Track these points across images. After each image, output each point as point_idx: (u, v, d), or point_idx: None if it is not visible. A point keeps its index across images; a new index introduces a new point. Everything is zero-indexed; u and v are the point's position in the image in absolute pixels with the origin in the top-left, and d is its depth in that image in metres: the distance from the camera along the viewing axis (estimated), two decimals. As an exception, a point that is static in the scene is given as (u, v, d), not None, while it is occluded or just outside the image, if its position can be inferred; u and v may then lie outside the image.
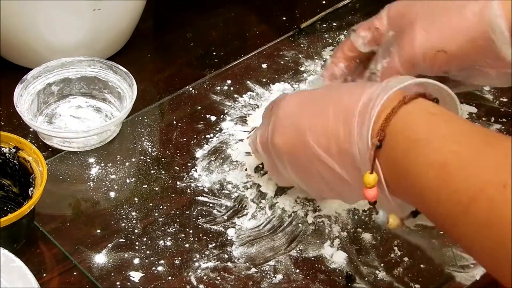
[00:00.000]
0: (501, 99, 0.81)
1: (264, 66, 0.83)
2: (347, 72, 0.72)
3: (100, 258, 0.66)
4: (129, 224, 0.68)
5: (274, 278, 0.65)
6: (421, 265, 0.66)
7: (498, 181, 0.49)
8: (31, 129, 0.75)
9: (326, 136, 0.60)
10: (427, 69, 0.66)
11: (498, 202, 0.49)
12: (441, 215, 0.53)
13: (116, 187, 0.71)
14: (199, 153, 0.74)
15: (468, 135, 0.54)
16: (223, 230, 0.68)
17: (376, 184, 0.57)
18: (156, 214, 0.69)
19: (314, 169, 0.62)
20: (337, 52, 0.73)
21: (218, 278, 0.65)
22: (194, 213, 0.69)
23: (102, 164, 0.73)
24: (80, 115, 0.77)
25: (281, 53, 0.84)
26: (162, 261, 0.66)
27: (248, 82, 0.81)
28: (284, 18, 0.89)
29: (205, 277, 0.65)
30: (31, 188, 0.65)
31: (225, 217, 0.69)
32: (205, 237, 0.68)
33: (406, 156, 0.55)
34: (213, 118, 0.78)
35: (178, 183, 0.72)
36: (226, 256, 0.66)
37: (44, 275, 0.65)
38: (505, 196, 0.49)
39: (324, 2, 0.90)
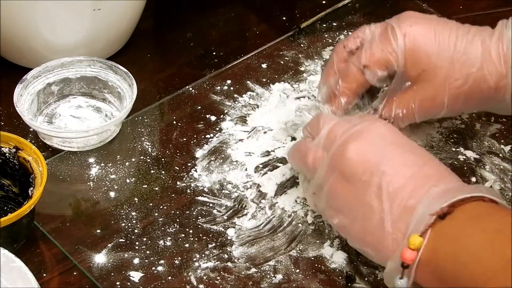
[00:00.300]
0: (501, 99, 0.81)
1: (264, 66, 0.83)
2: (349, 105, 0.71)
3: (100, 258, 0.66)
4: (129, 224, 0.68)
5: (274, 278, 0.65)
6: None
7: None
8: (31, 129, 0.75)
9: (394, 187, 0.59)
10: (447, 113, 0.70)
11: None
12: None
13: (116, 187, 0.71)
14: (199, 153, 0.74)
15: None
16: (223, 230, 0.68)
17: (418, 250, 0.56)
18: (156, 214, 0.69)
19: (365, 197, 0.60)
20: (328, 70, 0.71)
21: (218, 278, 0.65)
22: (194, 213, 0.69)
23: (102, 164, 0.73)
24: (80, 115, 0.77)
25: (281, 53, 0.84)
26: (162, 261, 0.66)
27: (248, 82, 0.81)
28: (284, 18, 0.89)
29: (205, 277, 0.65)
30: (31, 188, 0.65)
31: (225, 217, 0.69)
32: (205, 237, 0.68)
33: (457, 274, 0.54)
34: (213, 118, 0.78)
35: (178, 183, 0.72)
36: (226, 256, 0.66)
37: (44, 275, 0.65)
38: None
39: (324, 2, 0.90)
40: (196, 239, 0.67)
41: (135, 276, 0.65)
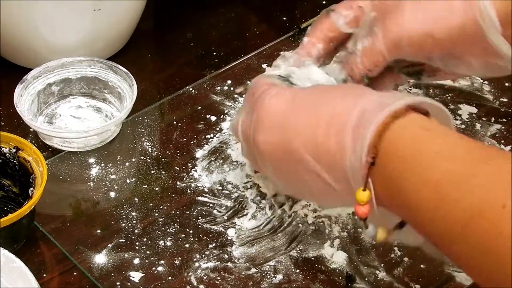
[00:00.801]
0: (501, 99, 0.81)
1: (264, 66, 0.83)
2: (323, 54, 0.69)
3: (100, 258, 0.66)
4: (129, 224, 0.68)
5: (274, 278, 0.65)
6: (421, 265, 0.66)
7: (496, 201, 0.48)
8: (31, 129, 0.75)
9: (315, 144, 0.58)
10: (412, 53, 0.64)
11: (498, 223, 0.48)
12: (436, 234, 0.52)
13: (116, 187, 0.71)
14: (199, 153, 0.74)
15: (463, 151, 0.52)
16: (223, 230, 0.68)
17: (368, 201, 0.55)
18: (156, 214, 0.69)
19: (298, 173, 0.60)
20: (315, 32, 0.70)
21: (218, 278, 0.65)
22: (194, 213, 0.69)
23: (102, 164, 0.73)
24: (80, 115, 0.77)
25: (281, 53, 0.84)
26: (162, 261, 0.66)
27: (249, 82, 0.81)
28: (284, 18, 0.89)
29: (205, 277, 0.65)
30: (31, 188, 0.65)
31: (225, 217, 0.69)
32: (205, 237, 0.68)
33: (399, 174, 0.53)
34: (213, 118, 0.78)
35: (178, 183, 0.72)
36: (226, 256, 0.66)
37: (44, 275, 0.65)
38: (504, 217, 0.47)
39: (324, 2, 0.90)
40: (196, 239, 0.67)
41: (135, 276, 0.65)
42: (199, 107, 0.78)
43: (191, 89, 0.80)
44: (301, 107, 0.60)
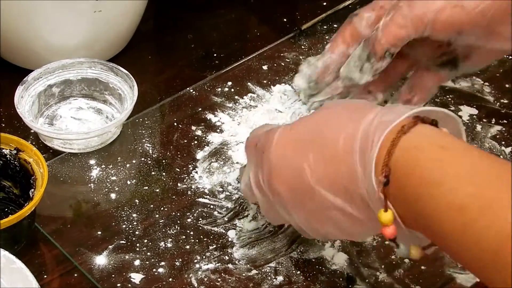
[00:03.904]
0: (502, 100, 0.81)
1: (265, 67, 0.83)
2: (346, 56, 0.68)
3: (101, 260, 0.66)
4: (130, 226, 0.68)
5: (275, 279, 0.65)
6: (422, 267, 0.66)
7: None
8: (32, 131, 0.75)
9: (329, 179, 0.56)
10: (438, 28, 0.60)
11: None
12: (466, 258, 0.50)
13: (116, 189, 0.71)
14: (199, 155, 0.74)
15: (484, 173, 0.49)
16: (223, 231, 0.68)
17: (393, 221, 0.53)
18: (157, 215, 0.69)
19: (321, 211, 0.57)
20: (337, 37, 0.68)
21: (219, 279, 0.65)
22: (195, 214, 0.69)
23: (103, 166, 0.73)
24: (81, 117, 0.77)
25: (281, 54, 0.84)
26: (162, 263, 0.66)
27: (249, 83, 0.81)
28: (284, 20, 0.89)
29: (205, 279, 0.65)
30: (32, 190, 0.65)
31: (226, 219, 0.69)
32: (205, 239, 0.68)
33: (418, 197, 0.51)
34: (214, 119, 0.78)
35: (179, 184, 0.72)
36: (226, 257, 0.66)
37: (45, 276, 0.65)
38: None
39: (324, 3, 0.90)
40: (197, 240, 0.67)
41: (136, 277, 0.65)
42: (200, 109, 0.78)
43: (191, 90, 0.80)
44: (305, 144, 0.58)
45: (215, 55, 0.84)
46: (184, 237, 0.68)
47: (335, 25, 0.87)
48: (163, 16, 0.89)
